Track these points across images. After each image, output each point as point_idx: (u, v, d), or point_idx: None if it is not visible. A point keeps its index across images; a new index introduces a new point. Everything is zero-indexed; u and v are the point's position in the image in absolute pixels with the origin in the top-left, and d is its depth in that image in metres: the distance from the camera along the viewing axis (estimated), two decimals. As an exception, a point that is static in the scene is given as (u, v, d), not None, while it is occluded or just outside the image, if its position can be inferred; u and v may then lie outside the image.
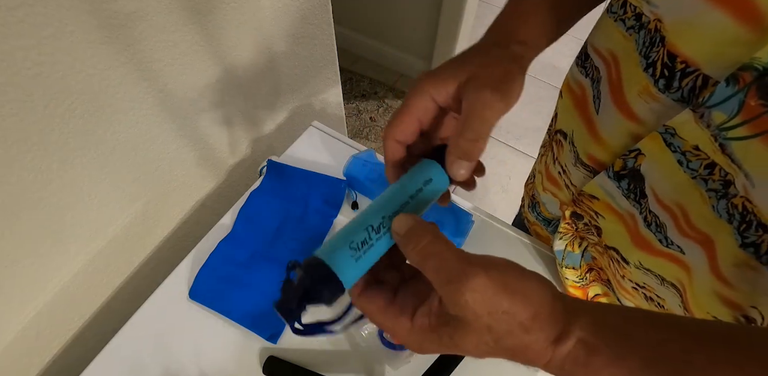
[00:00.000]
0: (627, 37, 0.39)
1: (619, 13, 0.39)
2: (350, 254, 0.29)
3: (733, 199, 0.33)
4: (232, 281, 0.62)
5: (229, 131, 0.77)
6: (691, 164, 0.35)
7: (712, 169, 0.34)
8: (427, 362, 0.56)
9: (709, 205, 0.35)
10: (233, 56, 0.67)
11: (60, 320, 0.64)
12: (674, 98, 0.35)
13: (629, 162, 0.41)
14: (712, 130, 0.32)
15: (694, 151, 0.35)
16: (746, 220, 0.32)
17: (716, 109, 0.31)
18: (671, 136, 0.36)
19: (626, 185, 0.43)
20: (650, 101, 0.37)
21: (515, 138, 1.86)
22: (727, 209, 0.34)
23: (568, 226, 0.55)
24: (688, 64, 0.33)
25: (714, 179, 0.34)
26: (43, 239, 0.54)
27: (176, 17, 0.54)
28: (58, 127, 0.48)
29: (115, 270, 0.69)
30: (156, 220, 0.72)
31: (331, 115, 1.12)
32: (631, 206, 0.44)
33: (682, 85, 0.34)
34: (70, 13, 0.42)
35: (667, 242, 0.41)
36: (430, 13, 1.59)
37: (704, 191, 0.35)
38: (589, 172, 0.48)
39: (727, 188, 0.34)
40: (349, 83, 1.99)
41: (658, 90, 0.36)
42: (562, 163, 0.53)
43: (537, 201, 0.64)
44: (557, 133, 0.54)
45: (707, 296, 0.39)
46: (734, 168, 0.32)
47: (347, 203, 0.69)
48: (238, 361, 0.57)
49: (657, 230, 0.42)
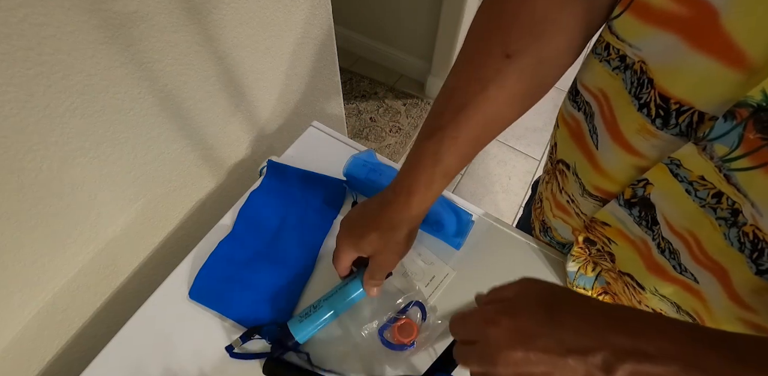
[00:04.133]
0: (614, 76, 0.39)
1: (603, 55, 0.40)
2: (298, 319, 0.55)
3: (743, 227, 0.33)
4: (233, 281, 0.62)
5: (229, 131, 0.77)
6: (699, 193, 0.36)
7: (719, 198, 0.34)
8: (427, 361, 0.56)
9: (720, 233, 0.36)
10: (233, 56, 0.67)
11: (60, 320, 0.64)
12: (673, 133, 0.36)
13: (638, 191, 0.41)
14: (716, 161, 0.33)
15: (701, 180, 0.35)
16: (758, 248, 0.33)
17: (717, 142, 0.32)
18: (677, 167, 0.36)
19: (637, 213, 0.43)
20: (650, 138, 0.37)
21: (515, 138, 1.86)
22: (738, 238, 0.34)
23: (581, 250, 0.55)
24: (681, 104, 0.34)
25: (722, 208, 0.35)
26: (43, 239, 0.54)
27: (176, 17, 0.54)
28: (58, 127, 0.48)
29: (115, 270, 0.69)
30: (156, 220, 0.72)
31: (331, 115, 1.12)
32: (644, 232, 0.44)
33: (680, 121, 0.35)
34: (70, 13, 0.42)
35: (681, 269, 0.41)
36: (430, 13, 1.59)
37: (714, 219, 0.36)
38: (598, 202, 0.48)
39: (735, 217, 0.34)
40: (349, 83, 1.99)
41: (656, 128, 0.36)
42: (569, 193, 0.53)
43: (549, 226, 0.63)
44: (559, 162, 0.54)
45: (730, 322, 0.39)
46: (741, 197, 0.32)
47: (347, 203, 0.69)
48: (238, 361, 0.57)
49: (671, 256, 0.42)
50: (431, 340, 0.57)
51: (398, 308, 0.58)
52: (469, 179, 1.77)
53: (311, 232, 0.66)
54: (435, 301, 0.61)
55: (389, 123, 1.89)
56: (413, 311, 0.58)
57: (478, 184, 1.76)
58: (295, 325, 0.54)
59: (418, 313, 0.58)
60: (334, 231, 0.66)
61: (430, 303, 0.61)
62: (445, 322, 0.59)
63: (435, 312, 0.60)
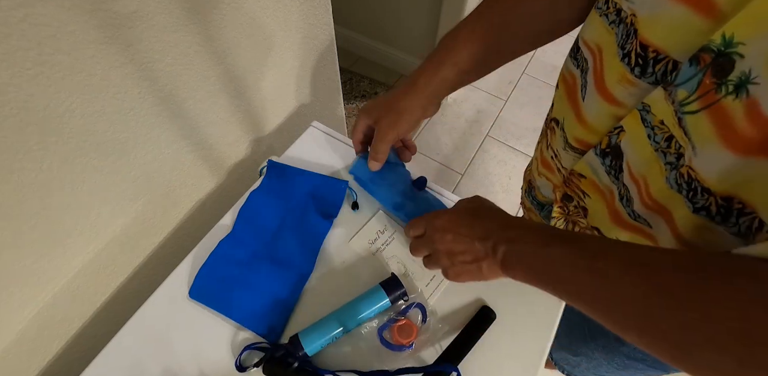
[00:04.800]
0: (609, 30, 0.42)
1: (603, 9, 0.43)
2: (309, 331, 0.56)
3: (680, 169, 0.37)
4: (232, 281, 0.62)
5: (229, 131, 0.77)
6: (656, 138, 0.40)
7: (670, 142, 0.38)
8: (425, 363, 0.56)
9: (663, 177, 0.40)
10: (233, 56, 0.67)
11: (60, 319, 0.64)
12: (649, 82, 0.39)
13: (613, 138, 0.45)
14: (675, 105, 0.36)
15: (660, 125, 0.39)
16: (692, 187, 0.37)
17: (681, 88, 0.35)
18: (647, 112, 0.40)
19: (609, 162, 0.47)
20: (629, 87, 0.41)
21: (515, 138, 1.86)
22: (676, 179, 0.38)
23: (561, 209, 0.59)
24: (658, 52, 0.37)
25: (671, 152, 0.39)
26: (43, 239, 0.54)
27: (176, 17, 0.54)
28: (58, 128, 0.48)
29: (115, 270, 0.69)
30: (156, 220, 0.72)
31: (331, 115, 1.12)
32: (611, 181, 0.48)
33: (656, 70, 0.38)
34: (70, 13, 0.42)
35: (635, 216, 0.46)
36: (430, 13, 1.59)
37: (663, 164, 0.40)
38: (577, 154, 0.53)
39: (679, 160, 0.38)
40: (349, 83, 1.99)
41: (634, 76, 0.40)
42: (554, 148, 0.58)
43: (533, 186, 0.69)
44: (551, 120, 0.58)
45: None
46: (686, 140, 0.36)
47: (347, 203, 0.69)
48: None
49: (627, 204, 0.46)
50: (430, 342, 0.58)
51: (399, 308, 0.58)
52: (469, 179, 1.77)
53: (311, 232, 0.66)
54: (435, 301, 0.61)
55: (389, 123, 1.89)
56: (414, 313, 0.58)
57: (478, 184, 1.76)
58: (306, 337, 0.55)
59: (418, 315, 0.58)
60: (334, 231, 0.66)
61: (431, 304, 0.61)
62: (445, 325, 0.59)
63: (435, 315, 0.60)
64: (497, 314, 0.60)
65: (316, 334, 0.55)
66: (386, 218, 0.67)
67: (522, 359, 0.58)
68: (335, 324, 0.56)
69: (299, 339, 0.55)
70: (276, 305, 0.60)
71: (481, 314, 0.59)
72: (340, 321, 0.56)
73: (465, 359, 0.56)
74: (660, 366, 0.61)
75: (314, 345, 0.55)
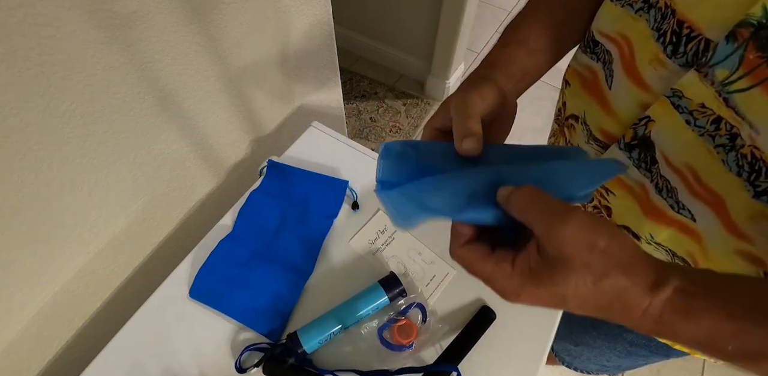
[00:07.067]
0: (636, 18, 0.42)
1: (624, 0, 0.42)
2: (308, 329, 0.56)
3: (741, 149, 0.35)
4: (232, 280, 0.62)
5: (229, 131, 0.77)
6: (698, 122, 0.38)
7: (718, 124, 0.36)
8: (425, 363, 0.56)
9: (718, 160, 0.37)
10: (233, 56, 0.67)
11: (60, 320, 0.64)
12: (680, 63, 0.38)
13: (639, 130, 0.43)
14: (716, 86, 0.34)
15: (701, 109, 0.37)
16: (756, 168, 0.34)
17: (719, 67, 0.34)
18: (678, 98, 0.38)
19: (637, 155, 0.45)
20: (659, 68, 0.39)
21: (515, 138, 1.86)
22: (736, 161, 0.36)
23: None
24: (692, 29, 0.36)
25: (720, 134, 0.36)
26: (44, 239, 0.54)
27: (176, 17, 0.54)
28: (58, 128, 0.48)
29: (115, 270, 0.69)
30: (156, 220, 0.72)
31: (331, 115, 1.12)
32: (642, 175, 0.45)
33: (687, 49, 0.37)
34: (70, 13, 0.42)
35: (679, 207, 0.43)
36: (430, 13, 1.59)
37: (712, 147, 0.37)
38: (600, 148, 0.51)
39: (734, 141, 0.36)
40: (349, 83, 1.99)
41: (666, 56, 0.38)
42: (574, 145, 0.55)
43: None
44: (568, 118, 0.56)
45: (726, 257, 0.40)
46: (738, 120, 0.34)
47: (347, 203, 0.69)
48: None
49: (668, 195, 0.43)
50: (430, 342, 0.58)
51: (399, 308, 0.58)
52: (469, 179, 1.77)
53: (311, 231, 0.66)
54: (435, 301, 0.61)
55: (389, 123, 1.89)
56: (414, 313, 0.58)
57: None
58: (305, 334, 0.55)
59: (418, 315, 0.58)
60: (333, 231, 0.66)
61: (431, 304, 0.61)
62: (445, 326, 0.59)
63: (435, 315, 0.60)
64: (497, 314, 0.60)
65: (314, 331, 0.55)
66: (386, 217, 0.67)
67: (522, 359, 0.58)
68: (334, 321, 0.56)
69: (298, 336, 0.55)
70: (276, 304, 0.60)
71: (481, 314, 0.59)
72: (338, 319, 0.56)
73: (465, 359, 0.56)
74: (662, 352, 0.60)
75: (313, 342, 0.55)
